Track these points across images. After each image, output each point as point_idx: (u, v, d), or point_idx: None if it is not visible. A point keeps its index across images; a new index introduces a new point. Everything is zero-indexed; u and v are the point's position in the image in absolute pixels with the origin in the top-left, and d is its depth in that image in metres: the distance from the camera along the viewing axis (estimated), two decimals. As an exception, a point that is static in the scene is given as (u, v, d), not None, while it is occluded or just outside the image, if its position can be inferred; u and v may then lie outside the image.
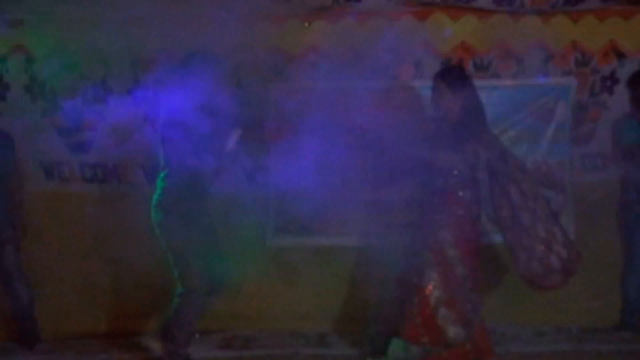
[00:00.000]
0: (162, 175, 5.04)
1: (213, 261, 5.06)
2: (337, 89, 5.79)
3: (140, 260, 5.93)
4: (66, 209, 6.01)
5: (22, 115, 5.93)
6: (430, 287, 4.90)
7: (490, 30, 5.90)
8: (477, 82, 5.85)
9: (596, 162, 6.11)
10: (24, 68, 5.91)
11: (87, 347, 5.69)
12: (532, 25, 5.88)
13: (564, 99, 5.94)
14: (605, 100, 6.06)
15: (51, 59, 5.92)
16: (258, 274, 5.93)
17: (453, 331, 4.90)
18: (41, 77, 5.95)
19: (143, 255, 5.91)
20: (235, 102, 5.32)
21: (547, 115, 5.95)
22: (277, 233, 5.99)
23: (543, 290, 5.07)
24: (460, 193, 4.98)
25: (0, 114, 5.92)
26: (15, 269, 5.73)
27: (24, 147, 5.89)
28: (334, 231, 5.92)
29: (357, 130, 5.66)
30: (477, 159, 4.96)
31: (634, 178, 5.86)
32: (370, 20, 5.85)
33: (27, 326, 5.76)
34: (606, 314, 5.96)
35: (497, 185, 4.94)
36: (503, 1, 5.74)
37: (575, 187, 6.02)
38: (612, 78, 6.03)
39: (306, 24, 5.86)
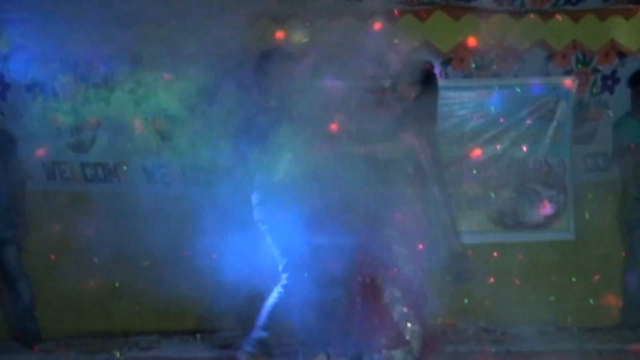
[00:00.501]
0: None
1: None
2: (338, 88, 5.76)
3: (142, 259, 5.97)
4: (67, 208, 6.02)
5: (23, 115, 5.93)
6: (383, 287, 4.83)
7: (491, 30, 5.89)
8: (478, 82, 5.93)
9: (597, 162, 6.12)
10: (25, 67, 5.91)
11: (87, 347, 5.69)
12: (533, 25, 5.88)
13: (564, 98, 5.94)
14: (606, 99, 6.08)
15: (52, 59, 5.93)
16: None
17: (410, 329, 4.82)
18: (42, 76, 5.96)
19: (145, 254, 5.95)
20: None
21: (548, 114, 5.96)
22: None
23: None
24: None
25: (1, 114, 5.92)
26: (16, 268, 5.74)
27: (25, 146, 5.89)
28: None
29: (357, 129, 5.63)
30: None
31: (634, 177, 5.86)
32: (371, 19, 5.84)
33: (28, 325, 5.76)
34: (607, 313, 5.96)
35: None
36: (504, 1, 5.73)
37: (576, 186, 6.03)
38: (613, 77, 6.04)
39: (307, 24, 5.85)
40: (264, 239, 5.11)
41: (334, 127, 5.01)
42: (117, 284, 6.00)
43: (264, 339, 4.95)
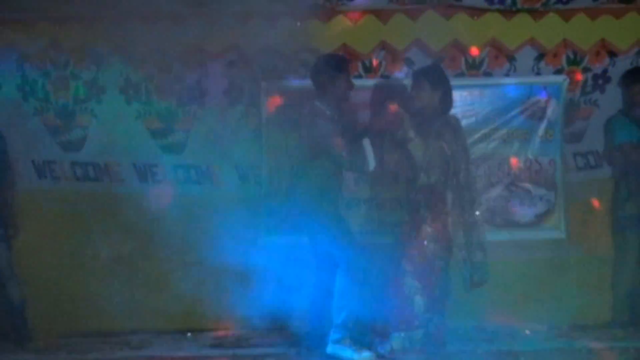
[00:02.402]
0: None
1: None
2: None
3: (132, 258, 5.97)
4: (58, 207, 6.01)
5: (13, 114, 5.92)
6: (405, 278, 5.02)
7: (482, 29, 5.90)
8: (469, 80, 5.94)
9: (587, 160, 6.13)
10: (16, 67, 5.89)
11: (79, 346, 5.66)
12: (524, 24, 5.88)
13: (555, 97, 5.95)
14: (597, 98, 6.09)
15: (43, 58, 5.92)
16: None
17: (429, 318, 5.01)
18: (33, 75, 5.95)
19: (137, 252, 5.96)
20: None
21: (538, 113, 5.96)
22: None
23: None
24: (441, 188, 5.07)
25: (-9, 113, 5.91)
26: (6, 267, 5.71)
27: (15, 146, 5.87)
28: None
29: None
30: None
31: (625, 176, 5.87)
32: (362, 18, 5.84)
33: (19, 325, 5.73)
34: (597, 311, 5.97)
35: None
36: (495, 0, 5.73)
37: (566, 185, 6.03)
38: (604, 76, 6.05)
39: (298, 23, 5.85)
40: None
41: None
42: (108, 283, 5.98)
43: (344, 322, 5.03)
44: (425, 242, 5.03)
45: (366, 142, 5.04)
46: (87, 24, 5.80)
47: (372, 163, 5.04)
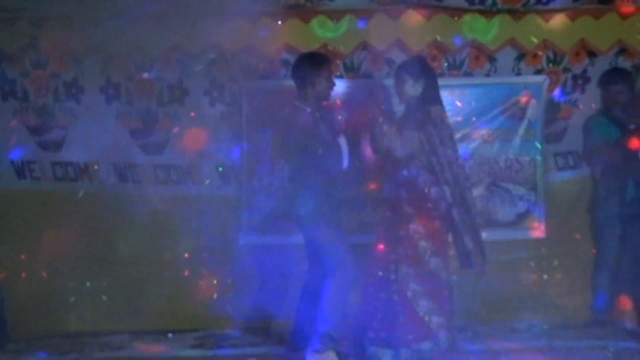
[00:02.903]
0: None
1: None
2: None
3: (113, 258, 5.94)
4: (37, 208, 5.98)
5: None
6: (406, 282, 4.91)
7: (463, 29, 5.91)
8: (450, 81, 5.95)
9: (568, 160, 6.16)
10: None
11: (58, 347, 5.63)
12: (504, 24, 5.90)
13: (535, 97, 5.97)
14: (577, 98, 6.11)
15: (22, 58, 5.89)
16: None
17: (436, 321, 4.91)
18: (11, 75, 5.92)
19: (116, 253, 5.94)
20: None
21: (519, 113, 5.98)
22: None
23: None
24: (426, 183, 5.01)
25: (-30, 114, 5.87)
26: (-16, 269, 5.68)
27: (-6, 146, 5.85)
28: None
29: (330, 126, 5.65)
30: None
31: (604, 176, 5.90)
32: (343, 18, 5.84)
33: (-2, 326, 5.71)
34: (577, 311, 6.00)
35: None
36: (476, 0, 5.75)
37: (547, 184, 6.05)
38: (583, 77, 6.08)
39: (279, 23, 5.84)
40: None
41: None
42: (87, 284, 5.95)
43: (328, 333, 4.98)
44: (419, 242, 4.94)
45: (342, 141, 5.04)
46: (66, 23, 5.76)
47: (346, 161, 5.02)
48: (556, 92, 6.06)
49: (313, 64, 5.11)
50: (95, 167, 5.99)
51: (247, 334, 5.87)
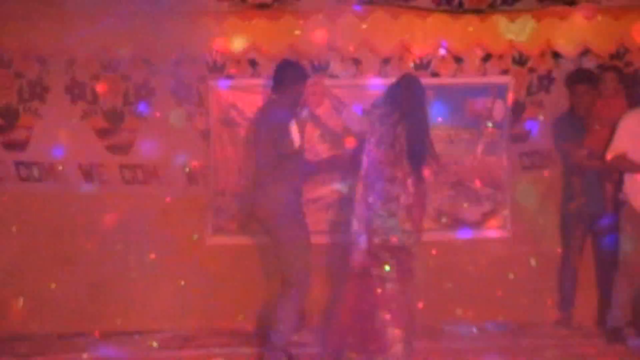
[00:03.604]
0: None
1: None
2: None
3: (79, 259, 5.90)
4: (2, 208, 5.92)
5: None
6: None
7: (430, 30, 5.93)
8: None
9: (533, 160, 6.19)
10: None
11: (22, 349, 5.57)
12: (471, 25, 5.92)
13: (501, 97, 6.01)
14: (542, 99, 6.15)
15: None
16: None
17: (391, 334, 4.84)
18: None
19: (82, 253, 5.90)
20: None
21: (485, 113, 6.01)
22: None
23: None
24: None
25: None
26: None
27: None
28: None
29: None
30: None
31: (570, 175, 5.95)
32: (311, 18, 5.84)
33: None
34: (543, 310, 6.04)
35: None
36: (442, 1, 5.77)
37: (512, 184, 6.09)
38: (549, 77, 6.13)
39: (246, 22, 5.82)
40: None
41: None
42: (52, 285, 5.90)
43: (282, 345, 5.01)
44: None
45: (292, 125, 4.98)
46: (31, 22, 5.70)
47: (297, 141, 4.96)
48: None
49: (299, 76, 5.16)
50: (61, 167, 5.93)
51: (213, 335, 5.85)
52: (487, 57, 6.05)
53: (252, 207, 5.13)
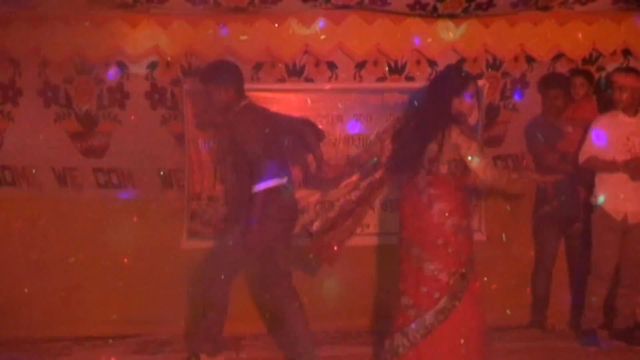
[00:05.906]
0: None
1: None
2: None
3: (52, 264, 5.87)
4: (-26, 212, 5.89)
5: None
6: None
7: (405, 34, 5.95)
8: (392, 85, 5.98)
9: (507, 163, 6.25)
10: None
11: (3, 354, 5.55)
12: (445, 30, 5.95)
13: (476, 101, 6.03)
14: (516, 103, 6.20)
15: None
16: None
17: None
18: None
19: (55, 259, 5.88)
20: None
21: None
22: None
23: None
24: None
25: None
26: None
27: None
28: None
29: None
30: None
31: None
32: (286, 22, 5.84)
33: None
34: (517, 313, 6.09)
35: None
36: (416, 5, 5.79)
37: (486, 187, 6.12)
38: (522, 81, 6.18)
39: (220, 25, 5.81)
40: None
41: None
42: (25, 290, 5.86)
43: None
44: None
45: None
46: (3, 24, 5.65)
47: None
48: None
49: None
50: (34, 170, 5.89)
51: (189, 339, 5.82)
52: (461, 61, 6.08)
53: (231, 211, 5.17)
